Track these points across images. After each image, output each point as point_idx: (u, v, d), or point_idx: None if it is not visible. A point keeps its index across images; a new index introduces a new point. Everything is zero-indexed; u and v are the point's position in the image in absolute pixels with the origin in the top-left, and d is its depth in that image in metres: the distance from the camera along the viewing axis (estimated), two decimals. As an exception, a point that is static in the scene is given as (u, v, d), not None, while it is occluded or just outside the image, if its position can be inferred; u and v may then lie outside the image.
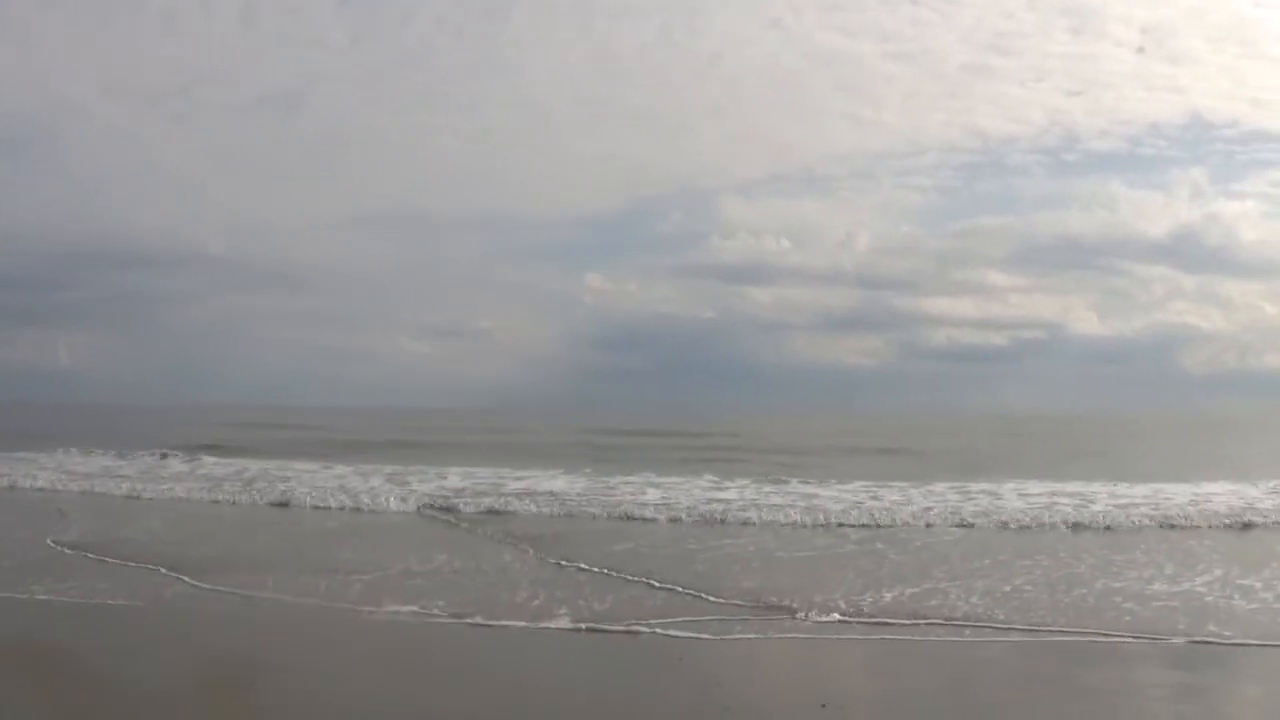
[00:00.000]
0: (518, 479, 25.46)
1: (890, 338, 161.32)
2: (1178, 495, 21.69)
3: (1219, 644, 9.70)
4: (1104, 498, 21.46)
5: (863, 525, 17.94)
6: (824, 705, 7.66)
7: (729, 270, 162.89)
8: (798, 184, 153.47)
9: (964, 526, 17.96)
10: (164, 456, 32.52)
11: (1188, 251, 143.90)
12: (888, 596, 11.80)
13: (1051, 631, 10.16)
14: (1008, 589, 12.32)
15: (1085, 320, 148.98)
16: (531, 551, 15.14)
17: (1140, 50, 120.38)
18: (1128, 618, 10.77)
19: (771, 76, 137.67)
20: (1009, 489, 22.90)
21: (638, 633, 10.00)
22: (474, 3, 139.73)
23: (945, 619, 10.64)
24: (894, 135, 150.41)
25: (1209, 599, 11.88)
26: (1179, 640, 9.78)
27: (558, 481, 25.06)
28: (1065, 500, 20.98)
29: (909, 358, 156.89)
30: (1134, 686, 8.60)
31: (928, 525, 18.02)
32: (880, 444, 46.41)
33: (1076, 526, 17.96)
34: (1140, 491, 22.48)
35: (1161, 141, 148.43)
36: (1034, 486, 23.40)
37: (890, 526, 17.93)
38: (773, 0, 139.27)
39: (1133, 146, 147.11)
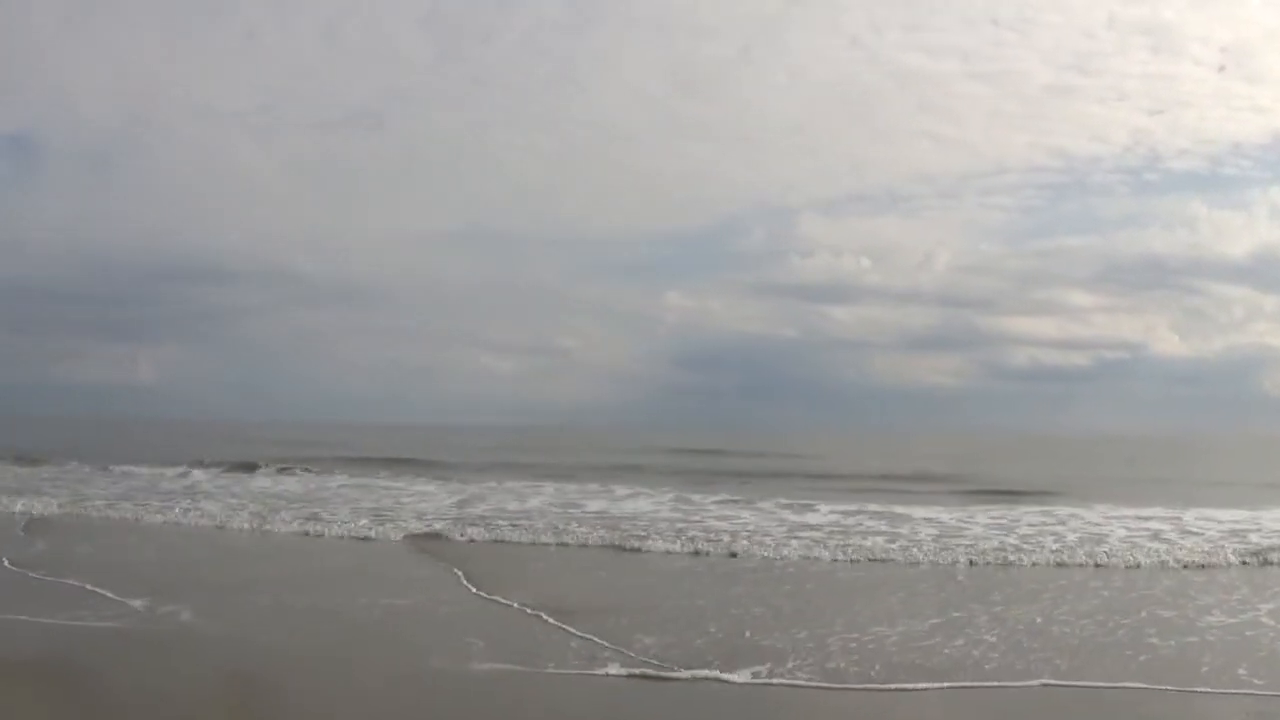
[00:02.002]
0: (594, 498, 26.07)
1: (971, 357, 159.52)
2: (1271, 522, 21.24)
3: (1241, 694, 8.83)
4: (1194, 524, 21.00)
5: (935, 556, 17.26)
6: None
7: (809, 289, 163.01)
8: (878, 202, 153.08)
9: (1036, 557, 17.19)
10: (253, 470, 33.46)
11: (1268, 272, 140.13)
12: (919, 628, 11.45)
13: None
14: (1039, 620, 11.77)
15: (1167, 341, 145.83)
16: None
17: (1221, 69, 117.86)
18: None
19: (852, 95, 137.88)
20: (1097, 513, 22.59)
21: (700, 679, 9.16)
22: (555, 22, 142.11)
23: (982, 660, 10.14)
24: (976, 155, 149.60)
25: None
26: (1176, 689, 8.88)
27: (640, 502, 25.40)
28: (1161, 526, 20.55)
29: (990, 377, 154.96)
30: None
31: (1003, 559, 17.53)
32: (961, 466, 45.77)
33: (1150, 560, 17.19)
34: (1233, 516, 22.04)
35: (1243, 161, 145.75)
36: (1123, 510, 23.09)
37: (981, 565, 16.75)
38: (854, 19, 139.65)
39: (1214, 166, 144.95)
